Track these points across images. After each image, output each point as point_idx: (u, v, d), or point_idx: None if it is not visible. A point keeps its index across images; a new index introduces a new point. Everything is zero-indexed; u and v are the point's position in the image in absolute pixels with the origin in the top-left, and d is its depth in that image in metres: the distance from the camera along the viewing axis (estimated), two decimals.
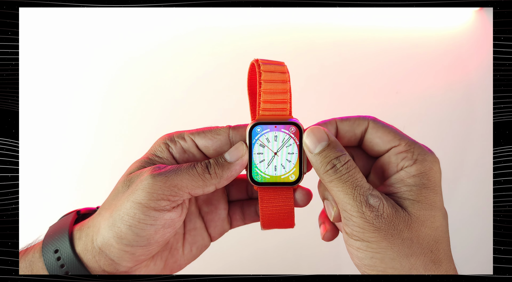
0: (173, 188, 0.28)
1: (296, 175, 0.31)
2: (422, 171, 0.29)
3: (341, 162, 0.29)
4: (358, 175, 0.29)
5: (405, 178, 0.29)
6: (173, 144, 0.32)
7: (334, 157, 0.29)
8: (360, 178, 0.29)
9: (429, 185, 0.29)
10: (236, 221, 0.37)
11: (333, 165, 0.29)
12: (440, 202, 0.30)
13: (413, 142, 0.31)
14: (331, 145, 0.30)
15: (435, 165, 0.30)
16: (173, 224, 0.30)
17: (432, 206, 0.29)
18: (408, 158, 0.30)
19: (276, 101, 0.31)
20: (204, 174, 0.29)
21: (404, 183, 0.29)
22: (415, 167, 0.29)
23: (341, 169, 0.29)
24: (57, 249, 0.29)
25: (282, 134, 0.31)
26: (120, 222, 0.28)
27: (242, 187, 0.37)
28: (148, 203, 0.28)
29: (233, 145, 0.32)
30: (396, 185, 0.30)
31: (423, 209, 0.28)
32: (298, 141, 0.31)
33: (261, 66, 0.31)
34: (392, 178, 0.30)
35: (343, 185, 0.28)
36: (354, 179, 0.28)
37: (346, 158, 0.29)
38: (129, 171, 0.31)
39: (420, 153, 0.30)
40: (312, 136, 0.30)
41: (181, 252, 0.35)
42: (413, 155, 0.30)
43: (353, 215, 0.28)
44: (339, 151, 0.29)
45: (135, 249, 0.29)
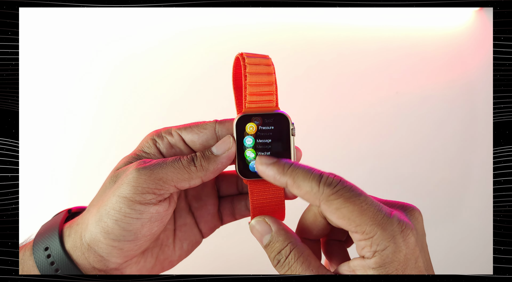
0: (158, 181, 0.28)
1: None
2: (381, 264, 0.26)
3: (283, 256, 0.29)
4: (300, 268, 0.28)
5: (366, 267, 0.26)
6: (160, 139, 0.32)
7: (277, 252, 0.29)
8: (303, 271, 0.28)
9: (395, 267, 0.26)
10: (227, 217, 0.37)
11: (277, 260, 0.29)
12: (416, 259, 0.26)
13: (376, 227, 0.25)
14: (273, 237, 0.29)
15: (399, 254, 0.25)
16: (160, 218, 0.30)
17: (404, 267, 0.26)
18: (367, 250, 0.26)
19: (262, 94, 0.31)
20: (189, 167, 0.29)
21: (365, 271, 0.27)
22: (374, 261, 0.26)
23: (284, 264, 0.28)
24: (47, 246, 0.30)
25: (268, 126, 0.31)
26: (106, 217, 0.28)
27: (232, 182, 0.37)
28: (133, 196, 0.28)
29: (220, 138, 0.32)
30: (358, 271, 0.27)
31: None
32: (284, 131, 0.31)
33: (245, 59, 0.31)
34: (355, 261, 0.28)
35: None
36: (295, 273, 0.28)
37: (287, 250, 0.28)
38: (117, 167, 0.31)
39: (381, 243, 0.25)
40: (256, 232, 0.30)
41: (172, 248, 0.35)
42: (371, 246, 0.26)
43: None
44: (282, 243, 0.29)
45: (123, 244, 0.29)
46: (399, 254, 0.25)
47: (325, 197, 0.27)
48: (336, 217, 0.26)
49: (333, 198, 0.26)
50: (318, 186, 0.27)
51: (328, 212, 0.27)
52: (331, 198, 0.26)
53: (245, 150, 0.31)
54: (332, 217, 0.27)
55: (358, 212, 0.26)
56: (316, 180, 0.27)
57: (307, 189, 0.27)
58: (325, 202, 0.27)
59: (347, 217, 0.26)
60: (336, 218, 0.26)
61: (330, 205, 0.26)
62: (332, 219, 0.27)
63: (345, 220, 0.26)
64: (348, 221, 0.26)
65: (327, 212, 0.27)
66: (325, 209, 0.27)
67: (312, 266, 0.28)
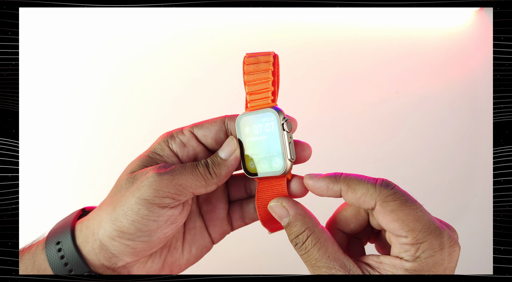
0: (178, 186, 0.29)
1: (280, 164, 0.31)
2: (418, 270, 0.26)
3: (300, 241, 0.29)
4: (317, 254, 0.28)
5: (397, 266, 0.27)
6: (172, 140, 0.33)
7: (294, 236, 0.29)
8: (320, 256, 0.28)
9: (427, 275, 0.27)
10: (237, 221, 0.37)
11: (295, 243, 0.29)
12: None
13: (428, 235, 0.26)
14: (291, 223, 0.30)
15: (439, 267, 0.26)
16: (175, 221, 0.31)
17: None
18: (410, 253, 0.26)
19: (259, 91, 0.31)
20: (206, 174, 0.30)
21: (393, 269, 0.27)
22: (412, 264, 0.26)
23: (301, 248, 0.29)
24: (59, 241, 0.30)
25: (263, 124, 0.31)
26: (123, 217, 0.29)
27: (241, 185, 0.37)
28: (153, 199, 0.29)
29: (228, 132, 0.33)
30: (386, 266, 0.28)
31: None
32: (279, 128, 0.30)
33: (245, 60, 0.32)
34: (387, 257, 0.28)
35: (306, 263, 0.29)
36: (311, 258, 0.28)
37: (304, 236, 0.29)
38: (131, 169, 0.32)
39: (427, 251, 0.26)
40: (274, 214, 0.31)
41: (181, 251, 0.35)
42: (416, 251, 0.26)
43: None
44: (299, 228, 0.29)
45: (136, 244, 0.30)
46: (440, 266, 0.26)
47: (382, 197, 0.27)
48: (390, 218, 0.27)
49: (390, 199, 0.27)
50: (374, 187, 0.27)
51: (382, 213, 0.27)
52: (388, 199, 0.27)
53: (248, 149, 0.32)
54: (385, 218, 0.27)
55: (413, 217, 0.26)
56: (371, 183, 0.28)
57: (363, 191, 0.27)
58: (381, 203, 0.27)
59: (401, 220, 0.26)
60: (390, 220, 0.27)
61: (386, 206, 0.27)
62: (384, 220, 0.27)
63: (398, 223, 0.26)
64: (401, 224, 0.26)
65: (381, 213, 0.27)
66: (380, 210, 0.27)
67: (329, 252, 0.28)
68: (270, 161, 0.31)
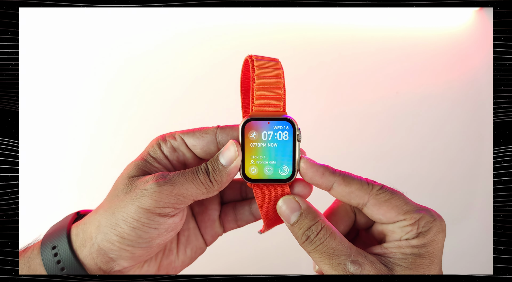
0: (179, 196, 0.29)
1: (289, 172, 0.31)
2: (423, 243, 0.29)
3: (314, 232, 0.29)
4: (333, 243, 0.29)
5: (403, 246, 0.29)
6: (164, 143, 0.33)
7: (306, 228, 0.29)
8: (337, 245, 0.29)
9: (426, 255, 0.29)
10: (229, 223, 0.37)
11: (307, 236, 0.29)
12: (435, 270, 0.29)
13: (419, 213, 0.29)
14: (303, 214, 0.30)
15: (439, 235, 0.29)
16: (175, 228, 0.31)
17: (424, 273, 0.29)
18: (413, 232, 0.29)
19: (270, 97, 0.31)
20: (206, 182, 0.30)
21: (400, 250, 0.29)
22: (417, 240, 0.29)
23: (315, 240, 0.29)
24: (55, 245, 0.30)
25: (275, 131, 0.31)
26: (123, 223, 0.29)
27: (236, 188, 0.37)
28: (154, 209, 0.29)
29: (219, 144, 0.32)
30: (392, 249, 0.29)
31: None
32: (291, 137, 0.31)
33: (254, 62, 0.31)
34: (390, 242, 0.30)
35: (321, 255, 0.29)
36: (328, 248, 0.29)
37: (318, 226, 0.29)
38: (128, 173, 0.31)
39: (425, 224, 0.29)
40: (285, 208, 0.31)
41: (175, 253, 0.35)
42: (418, 228, 0.29)
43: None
44: (312, 220, 0.30)
45: (136, 249, 0.30)
46: (439, 234, 0.29)
47: (374, 191, 0.30)
48: (386, 208, 0.30)
49: (381, 192, 0.30)
50: (367, 183, 0.30)
51: (376, 205, 0.30)
52: (379, 192, 0.30)
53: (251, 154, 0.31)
54: (381, 208, 0.30)
55: (404, 202, 0.30)
56: (364, 180, 0.31)
57: (357, 185, 0.30)
58: (375, 196, 0.30)
59: (396, 206, 0.30)
60: (386, 209, 0.30)
61: (380, 197, 0.30)
62: (380, 211, 0.30)
63: (394, 209, 0.30)
64: (398, 210, 0.29)
65: (375, 205, 0.30)
66: (375, 202, 0.30)
67: (344, 240, 0.29)
68: (277, 168, 0.31)
